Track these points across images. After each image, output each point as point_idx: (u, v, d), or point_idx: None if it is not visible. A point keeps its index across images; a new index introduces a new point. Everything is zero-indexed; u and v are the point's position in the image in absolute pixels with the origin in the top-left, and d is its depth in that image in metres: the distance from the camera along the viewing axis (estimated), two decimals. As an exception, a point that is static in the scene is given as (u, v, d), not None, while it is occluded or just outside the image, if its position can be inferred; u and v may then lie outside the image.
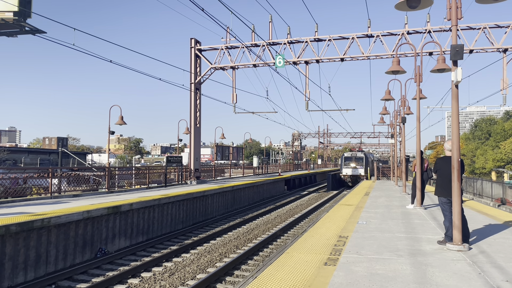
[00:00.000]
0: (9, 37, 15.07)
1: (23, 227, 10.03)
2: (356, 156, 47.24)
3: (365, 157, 47.49)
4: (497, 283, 5.39)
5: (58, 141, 78.10)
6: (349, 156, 47.89)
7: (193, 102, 26.37)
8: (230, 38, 25.18)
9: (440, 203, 8.06)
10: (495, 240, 8.25)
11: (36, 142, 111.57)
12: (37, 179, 17.10)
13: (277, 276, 5.75)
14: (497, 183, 24.19)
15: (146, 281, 10.37)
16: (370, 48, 23.33)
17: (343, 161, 47.62)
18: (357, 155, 47.43)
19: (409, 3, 7.40)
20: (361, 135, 73.10)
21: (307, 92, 25.03)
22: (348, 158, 47.55)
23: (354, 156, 47.28)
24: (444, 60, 12.19)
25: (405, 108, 21.01)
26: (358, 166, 46.29)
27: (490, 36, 22.11)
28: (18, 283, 9.91)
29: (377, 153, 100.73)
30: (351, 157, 47.33)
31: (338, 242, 8.06)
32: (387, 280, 5.52)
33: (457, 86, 7.35)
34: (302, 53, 24.52)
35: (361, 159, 46.86)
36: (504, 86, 22.44)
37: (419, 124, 14.63)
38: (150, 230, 15.65)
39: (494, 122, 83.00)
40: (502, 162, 68.29)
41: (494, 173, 60.40)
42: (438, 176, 8.07)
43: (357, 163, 46.49)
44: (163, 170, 25.36)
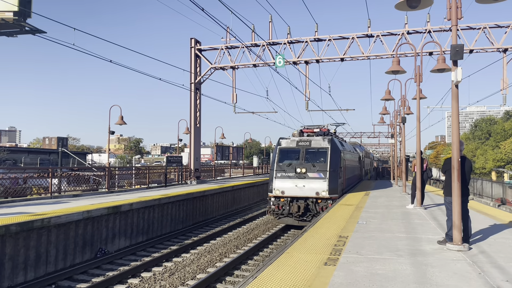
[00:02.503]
0: (9, 37, 15.05)
1: (23, 227, 10.02)
2: (310, 146, 17.99)
3: (334, 149, 17.92)
4: (497, 283, 5.39)
5: (58, 141, 78.10)
6: (292, 148, 18.28)
7: (193, 102, 26.36)
8: (230, 38, 25.18)
9: (446, 203, 8.05)
10: (495, 240, 8.25)
11: (36, 142, 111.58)
12: (37, 179, 17.09)
13: (277, 276, 5.75)
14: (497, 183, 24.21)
15: (146, 281, 10.37)
16: (370, 48, 23.33)
17: (277, 159, 18.06)
18: (311, 143, 18.03)
19: (409, 3, 7.40)
20: (361, 135, 73.05)
21: (307, 92, 25.03)
22: (291, 152, 18.26)
23: (304, 147, 18.06)
24: (444, 60, 12.18)
25: (405, 108, 21.02)
26: (312, 173, 17.20)
27: (490, 36, 22.10)
28: (18, 283, 9.91)
29: (377, 153, 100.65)
30: (298, 150, 18.15)
31: (338, 242, 8.06)
32: (387, 280, 5.51)
33: (457, 86, 7.35)
34: (302, 53, 24.52)
35: (322, 154, 17.74)
36: (504, 86, 22.43)
37: (419, 124, 14.63)
38: (150, 230, 15.64)
39: (494, 122, 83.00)
40: (502, 162, 68.28)
41: (494, 173, 60.39)
42: (446, 176, 8.05)
43: (311, 167, 17.24)
44: (163, 170, 25.36)
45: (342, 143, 21.86)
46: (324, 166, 16.78)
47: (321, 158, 17.14)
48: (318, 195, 16.44)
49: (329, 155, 17.00)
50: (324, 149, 17.33)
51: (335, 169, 16.90)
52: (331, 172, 16.66)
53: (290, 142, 18.04)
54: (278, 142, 18.26)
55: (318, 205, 16.49)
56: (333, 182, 16.58)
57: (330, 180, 16.51)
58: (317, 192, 16.44)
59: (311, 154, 17.36)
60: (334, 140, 18.15)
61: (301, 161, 17.12)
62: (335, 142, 18.06)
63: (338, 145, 18.51)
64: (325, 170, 16.63)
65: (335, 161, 17.10)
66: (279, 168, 17.25)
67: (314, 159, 17.19)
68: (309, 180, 16.64)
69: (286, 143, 18.06)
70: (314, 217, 15.98)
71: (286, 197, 16.86)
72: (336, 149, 17.58)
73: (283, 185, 16.89)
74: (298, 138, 18.19)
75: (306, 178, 16.69)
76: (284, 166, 17.23)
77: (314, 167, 16.78)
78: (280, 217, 17.09)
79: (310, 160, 17.11)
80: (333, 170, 16.77)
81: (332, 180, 16.57)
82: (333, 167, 16.85)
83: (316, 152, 17.45)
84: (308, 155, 17.29)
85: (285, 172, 17.04)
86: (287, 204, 16.85)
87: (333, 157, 17.08)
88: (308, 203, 16.64)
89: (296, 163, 17.16)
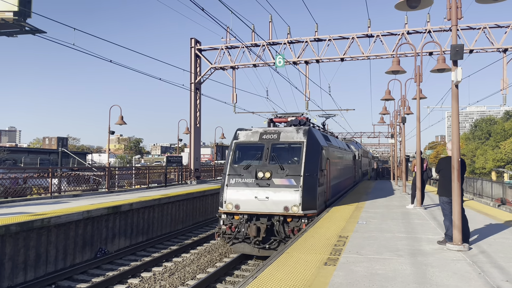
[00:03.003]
0: (9, 37, 15.07)
1: (23, 227, 10.02)
2: (278, 140, 12.74)
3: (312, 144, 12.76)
4: (497, 283, 5.39)
5: (58, 141, 78.14)
6: (253, 143, 13.01)
7: (193, 102, 26.37)
8: (230, 38, 25.20)
9: (441, 203, 8.06)
10: (495, 240, 8.25)
11: (36, 142, 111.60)
12: (37, 179, 17.10)
13: (277, 276, 5.75)
14: (497, 183, 24.23)
15: (146, 281, 10.38)
16: (370, 48, 23.34)
17: (231, 159, 12.85)
18: (280, 136, 12.83)
19: (409, 3, 7.40)
20: (361, 135, 73.07)
21: (307, 92, 25.03)
22: (251, 148, 13.01)
23: (270, 141, 12.76)
24: (444, 60, 12.19)
25: (405, 108, 21.02)
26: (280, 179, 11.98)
27: (490, 36, 22.11)
28: (18, 283, 9.91)
29: (377, 153, 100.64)
30: (261, 146, 12.77)
31: (338, 242, 8.06)
32: (387, 280, 5.51)
33: (457, 86, 7.35)
34: (302, 53, 24.53)
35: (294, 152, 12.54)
36: (504, 86, 22.44)
37: (419, 124, 14.63)
38: (150, 230, 15.64)
39: (494, 122, 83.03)
40: (502, 162, 68.29)
41: (494, 173, 60.42)
42: (440, 176, 8.07)
43: (278, 170, 12.09)
44: (163, 170, 25.37)
45: (328, 137, 16.48)
46: (297, 168, 11.91)
47: (294, 158, 12.32)
48: (287, 211, 11.47)
49: (304, 153, 12.18)
50: (298, 144, 12.43)
51: (313, 172, 12.09)
52: (307, 177, 11.85)
53: (251, 134, 13.09)
54: (235, 135, 13.34)
55: (288, 225, 11.58)
56: (309, 192, 11.75)
57: (305, 188, 11.65)
58: (285, 207, 11.46)
59: (279, 151, 12.46)
60: (313, 132, 13.21)
61: (265, 161, 12.24)
62: (314, 135, 13.09)
63: (320, 139, 13.68)
64: (298, 174, 11.78)
65: (313, 161, 12.33)
66: (233, 171, 12.31)
67: (283, 158, 12.31)
68: (275, 189, 11.70)
69: (245, 136, 13.13)
70: (281, 243, 11.34)
71: (241, 214, 11.86)
72: (315, 144, 12.79)
73: (238, 196, 11.89)
74: (262, 129, 13.21)
75: (270, 186, 11.75)
76: (240, 169, 12.26)
77: (283, 170, 11.93)
78: (233, 242, 11.99)
79: (278, 160, 12.18)
80: (310, 174, 11.98)
81: (308, 189, 11.73)
82: (311, 170, 12.06)
83: (286, 148, 12.56)
84: (275, 153, 12.36)
85: (241, 178, 12.13)
86: (242, 224, 11.80)
87: (310, 155, 12.30)
88: (273, 223, 11.63)
89: (258, 164, 12.26)
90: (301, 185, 11.66)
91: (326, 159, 13.98)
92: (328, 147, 14.68)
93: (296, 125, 14.05)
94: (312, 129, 13.54)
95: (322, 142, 13.65)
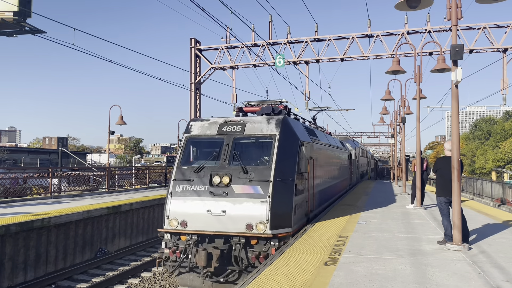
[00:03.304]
0: (9, 37, 15.07)
1: (23, 227, 10.03)
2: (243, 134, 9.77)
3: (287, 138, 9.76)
4: (497, 283, 5.39)
5: (58, 141, 78.16)
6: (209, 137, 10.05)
7: (193, 102, 26.37)
8: (230, 38, 25.20)
9: (439, 203, 8.07)
10: (495, 240, 8.25)
11: (36, 142, 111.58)
12: (37, 179, 17.11)
13: (277, 276, 5.75)
14: (497, 183, 24.22)
15: (146, 281, 10.37)
16: (370, 48, 23.34)
17: (180, 159, 9.88)
18: (245, 128, 9.85)
19: (409, 3, 7.41)
20: (361, 135, 73.09)
21: (307, 92, 25.03)
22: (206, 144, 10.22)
23: (231, 135, 9.76)
24: (444, 60, 12.19)
25: (405, 108, 21.03)
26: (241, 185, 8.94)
27: (490, 36, 22.12)
28: (18, 283, 9.91)
29: (377, 153, 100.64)
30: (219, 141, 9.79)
31: (338, 242, 8.06)
32: (387, 280, 5.51)
33: (457, 86, 7.35)
34: (302, 53, 24.54)
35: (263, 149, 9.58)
36: (504, 86, 22.44)
37: (419, 124, 14.64)
38: (150, 230, 15.65)
39: (494, 122, 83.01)
40: (502, 162, 68.27)
41: (494, 173, 60.38)
42: (437, 176, 8.08)
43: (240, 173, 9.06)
44: (163, 170, 25.39)
45: (313, 131, 13.17)
46: (266, 171, 8.91)
47: (262, 157, 9.40)
48: (250, 231, 8.50)
49: (275, 150, 9.15)
50: (268, 138, 9.47)
51: (287, 176, 9.18)
52: (279, 183, 8.90)
53: (208, 126, 10.08)
54: (187, 127, 10.44)
55: (252, 250, 8.57)
56: (282, 203, 8.84)
57: (276, 199, 8.67)
58: (248, 225, 8.51)
59: (243, 148, 9.58)
60: (289, 123, 10.12)
61: (223, 162, 9.24)
62: (291, 128, 10.04)
63: (299, 132, 10.61)
64: (266, 179, 8.77)
65: (289, 161, 9.44)
66: (180, 175, 9.35)
67: (248, 158, 9.42)
68: (234, 199, 8.72)
69: (199, 129, 10.14)
70: (243, 274, 8.54)
71: (190, 234, 8.80)
72: (292, 139, 9.83)
73: (185, 209, 8.94)
74: (223, 119, 10.20)
75: (229, 196, 8.77)
76: (189, 173, 9.30)
77: (247, 174, 8.92)
78: (180, 271, 9.11)
79: (241, 160, 9.20)
80: (284, 179, 9.06)
81: (280, 199, 8.80)
82: (284, 173, 9.13)
83: (252, 144, 9.64)
84: (237, 151, 9.38)
85: (190, 184, 9.13)
86: (191, 248, 8.75)
87: (285, 153, 9.36)
88: (232, 246, 8.61)
89: (214, 166, 9.27)
90: (269, 194, 8.59)
91: (309, 158, 10.97)
92: (312, 144, 11.59)
93: (269, 114, 10.73)
94: (289, 119, 10.37)
95: (302, 137, 10.62)
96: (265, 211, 8.55)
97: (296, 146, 9.93)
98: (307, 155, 10.68)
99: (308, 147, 10.95)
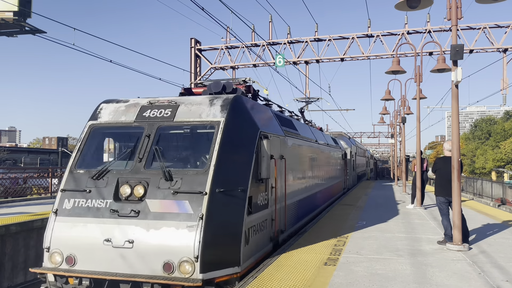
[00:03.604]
0: (9, 37, 15.07)
1: (23, 227, 10.03)
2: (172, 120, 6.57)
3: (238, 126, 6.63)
4: (497, 283, 5.39)
5: (58, 141, 78.07)
6: (123, 125, 6.87)
7: (193, 102, 26.34)
8: (230, 38, 25.21)
9: (438, 203, 8.06)
10: (495, 240, 8.25)
11: (36, 142, 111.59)
12: (37, 179, 17.11)
13: (277, 276, 5.75)
14: (497, 183, 24.19)
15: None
16: (370, 48, 23.35)
17: (76, 162, 6.62)
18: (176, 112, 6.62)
19: (409, 3, 7.41)
20: (361, 135, 73.11)
21: (307, 92, 25.04)
22: (118, 135, 7.33)
23: (155, 123, 6.59)
24: (444, 60, 12.19)
25: (405, 108, 21.04)
26: (163, 200, 5.81)
27: (490, 36, 22.13)
28: (18, 283, 9.91)
29: (377, 153, 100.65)
30: (138, 131, 6.67)
31: (338, 242, 8.06)
32: (387, 280, 5.51)
33: (457, 86, 7.35)
34: (302, 53, 24.56)
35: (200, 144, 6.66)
36: (504, 86, 22.46)
37: (419, 124, 14.64)
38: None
39: (494, 122, 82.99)
40: (502, 162, 68.26)
41: (494, 173, 60.37)
42: (437, 176, 8.07)
43: (159, 181, 5.95)
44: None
45: (287, 120, 10.02)
46: (199, 178, 6.00)
47: (199, 156, 6.60)
48: (169, 274, 5.50)
49: (217, 146, 6.24)
50: (208, 127, 6.56)
51: (234, 186, 6.25)
52: (220, 196, 5.98)
53: (124, 110, 7.11)
54: (95, 112, 7.42)
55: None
56: (223, 228, 5.96)
57: (213, 221, 5.75)
58: (167, 264, 5.52)
59: (169, 142, 6.80)
60: (243, 104, 7.20)
61: (138, 163, 6.35)
62: (246, 111, 7.16)
63: (260, 118, 7.53)
64: (198, 191, 5.85)
65: (237, 162, 6.57)
66: (72, 184, 6.47)
67: (175, 157, 6.69)
68: (148, 222, 5.79)
69: (111, 114, 7.18)
70: None
71: (77, 277, 5.78)
72: (246, 127, 6.95)
73: (75, 238, 5.94)
74: (146, 100, 7.17)
75: (140, 217, 5.84)
76: (86, 179, 6.42)
77: (170, 182, 6.03)
78: None
79: (164, 159, 6.35)
80: (228, 189, 6.12)
81: (220, 222, 5.91)
82: (229, 181, 6.22)
83: (184, 136, 6.87)
84: (161, 146, 6.49)
85: (85, 198, 6.20)
86: None
87: (232, 150, 6.49)
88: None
89: (123, 169, 6.45)
90: (203, 213, 5.63)
91: (279, 158, 7.94)
92: (284, 138, 8.56)
93: (218, 93, 7.72)
94: (244, 99, 7.20)
95: (266, 127, 7.52)
96: (193, 241, 5.44)
97: (253, 139, 6.67)
98: (274, 152, 7.42)
99: (276, 142, 7.83)
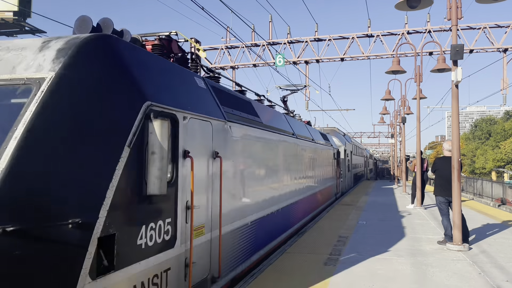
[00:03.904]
0: (9, 37, 15.06)
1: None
2: None
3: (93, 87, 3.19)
4: (497, 283, 5.39)
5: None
6: None
7: (193, 102, 26.35)
8: (230, 37, 25.20)
9: (438, 203, 8.05)
10: (496, 240, 8.24)
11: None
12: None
13: (277, 276, 5.74)
14: (497, 183, 24.18)
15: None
16: (370, 48, 23.35)
17: None
18: None
19: (409, 3, 7.41)
20: (361, 135, 73.07)
21: (307, 92, 25.05)
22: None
23: None
24: (444, 60, 12.19)
25: (405, 108, 21.04)
26: None
27: (490, 36, 22.13)
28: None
29: (377, 153, 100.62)
30: None
31: (338, 242, 8.05)
32: (387, 280, 5.51)
33: (457, 86, 7.35)
34: (302, 53, 24.55)
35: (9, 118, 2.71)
36: (504, 86, 22.46)
37: (419, 124, 14.63)
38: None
39: (494, 122, 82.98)
40: (502, 162, 68.26)
41: (494, 173, 60.36)
42: (436, 176, 8.06)
43: None
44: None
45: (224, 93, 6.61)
46: None
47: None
48: None
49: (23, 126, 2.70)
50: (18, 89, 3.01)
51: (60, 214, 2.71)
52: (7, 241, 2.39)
53: None
54: None
55: None
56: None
57: None
58: None
59: None
60: (111, 49, 3.58)
61: None
62: (114, 62, 3.55)
63: (152, 80, 3.94)
64: None
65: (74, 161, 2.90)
66: None
67: None
68: None
69: None
70: None
71: None
72: (106, 90, 3.35)
73: None
74: None
75: None
76: None
77: None
78: None
79: None
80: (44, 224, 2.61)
81: None
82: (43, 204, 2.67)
83: None
84: None
85: None
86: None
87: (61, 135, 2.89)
88: None
89: None
90: None
91: (211, 156, 4.93)
92: (225, 124, 5.48)
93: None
94: (113, 43, 3.72)
95: (168, 99, 4.09)
96: None
97: (128, 117, 3.50)
98: (193, 146, 4.44)
99: (201, 129, 4.74)
